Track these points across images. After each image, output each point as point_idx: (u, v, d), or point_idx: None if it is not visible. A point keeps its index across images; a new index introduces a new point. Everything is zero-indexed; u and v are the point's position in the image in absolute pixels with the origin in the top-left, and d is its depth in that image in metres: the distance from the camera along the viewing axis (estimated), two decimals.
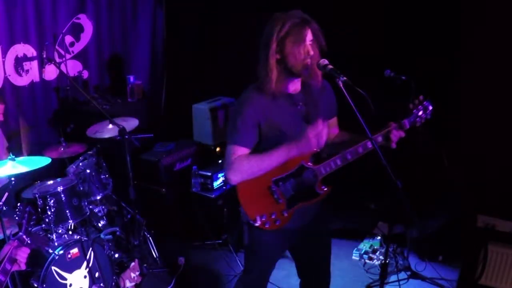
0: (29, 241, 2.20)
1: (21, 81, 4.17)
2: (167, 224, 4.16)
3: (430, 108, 2.25)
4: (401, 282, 3.46)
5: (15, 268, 2.17)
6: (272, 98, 2.16)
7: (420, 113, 2.23)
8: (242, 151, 2.18)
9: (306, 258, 2.56)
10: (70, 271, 2.95)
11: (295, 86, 2.23)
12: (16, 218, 2.41)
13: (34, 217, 2.30)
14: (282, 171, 2.22)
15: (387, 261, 2.53)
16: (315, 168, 2.23)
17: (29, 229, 2.24)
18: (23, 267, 2.20)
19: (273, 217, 2.26)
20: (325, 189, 2.29)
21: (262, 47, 2.13)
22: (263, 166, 2.14)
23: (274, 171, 2.21)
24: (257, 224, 2.24)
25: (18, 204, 2.40)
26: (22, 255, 2.17)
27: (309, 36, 2.09)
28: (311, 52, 2.09)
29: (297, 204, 2.26)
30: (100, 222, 3.55)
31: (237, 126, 2.17)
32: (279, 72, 2.13)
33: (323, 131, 2.12)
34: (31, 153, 4.04)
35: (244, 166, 2.14)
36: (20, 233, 2.20)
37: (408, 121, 2.22)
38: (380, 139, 2.19)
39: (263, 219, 2.25)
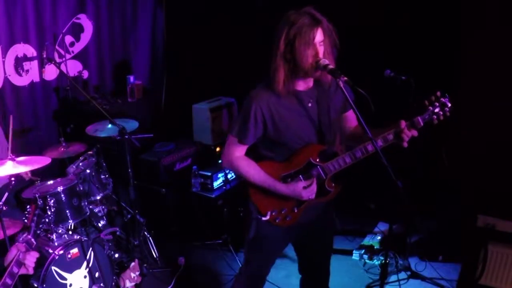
0: (36, 245, 2.17)
1: (21, 81, 4.17)
2: (167, 224, 4.16)
3: (449, 105, 2.13)
4: (401, 282, 3.46)
5: (22, 271, 2.14)
6: (281, 96, 2.15)
7: (437, 110, 2.13)
8: (242, 147, 2.26)
9: (309, 253, 2.57)
10: (70, 271, 2.94)
11: (307, 84, 2.21)
12: (25, 220, 2.40)
13: (43, 219, 2.30)
14: (290, 167, 2.24)
15: (387, 261, 2.53)
16: (323, 165, 2.23)
17: (38, 232, 2.22)
18: (31, 271, 2.17)
19: (283, 212, 2.28)
20: (334, 187, 2.29)
21: (272, 47, 2.11)
22: (253, 180, 2.25)
23: (283, 166, 2.25)
24: (266, 218, 2.26)
25: (27, 207, 2.38)
26: (31, 259, 2.13)
27: (318, 37, 2.05)
28: (320, 54, 2.07)
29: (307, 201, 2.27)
30: (100, 222, 3.54)
31: (243, 121, 2.20)
32: (288, 72, 2.10)
33: (313, 187, 2.22)
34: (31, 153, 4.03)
35: (239, 169, 2.27)
36: (29, 237, 2.17)
37: (422, 118, 2.12)
38: (391, 137, 2.15)
39: (274, 214, 2.28)
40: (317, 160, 2.23)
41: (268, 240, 2.38)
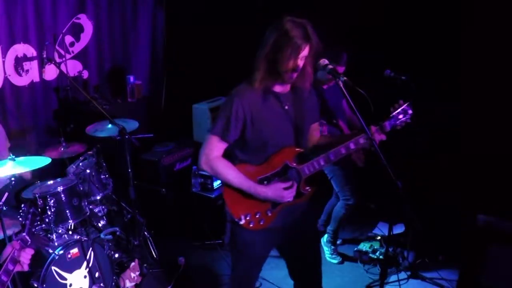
0: (31, 242, 2.18)
1: (21, 81, 4.17)
2: (167, 224, 4.16)
3: (410, 112, 2.26)
4: (401, 282, 3.46)
5: (17, 268, 2.15)
6: (261, 94, 2.20)
7: (401, 116, 2.25)
8: (222, 145, 2.25)
9: (294, 258, 2.56)
10: (70, 271, 2.95)
11: (284, 87, 2.26)
12: (20, 219, 2.41)
13: (37, 218, 2.31)
14: (267, 170, 2.26)
15: (387, 260, 2.53)
16: (299, 168, 2.27)
17: (32, 229, 2.23)
18: (26, 268, 2.19)
19: (257, 216, 2.29)
20: (309, 189, 2.32)
21: (259, 47, 2.16)
22: (231, 182, 2.24)
23: (259, 170, 2.27)
24: (241, 223, 2.27)
25: (22, 205, 2.39)
26: (26, 256, 2.15)
27: (304, 52, 2.11)
28: (300, 67, 2.13)
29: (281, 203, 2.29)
30: (100, 222, 3.54)
31: (225, 118, 2.21)
32: (266, 73, 2.16)
33: (294, 188, 2.24)
34: (32, 153, 4.03)
35: (218, 169, 2.24)
36: (23, 234, 2.19)
37: (389, 123, 2.25)
38: (361, 140, 2.21)
39: (248, 218, 2.28)
40: (293, 163, 2.26)
41: (246, 246, 2.37)
